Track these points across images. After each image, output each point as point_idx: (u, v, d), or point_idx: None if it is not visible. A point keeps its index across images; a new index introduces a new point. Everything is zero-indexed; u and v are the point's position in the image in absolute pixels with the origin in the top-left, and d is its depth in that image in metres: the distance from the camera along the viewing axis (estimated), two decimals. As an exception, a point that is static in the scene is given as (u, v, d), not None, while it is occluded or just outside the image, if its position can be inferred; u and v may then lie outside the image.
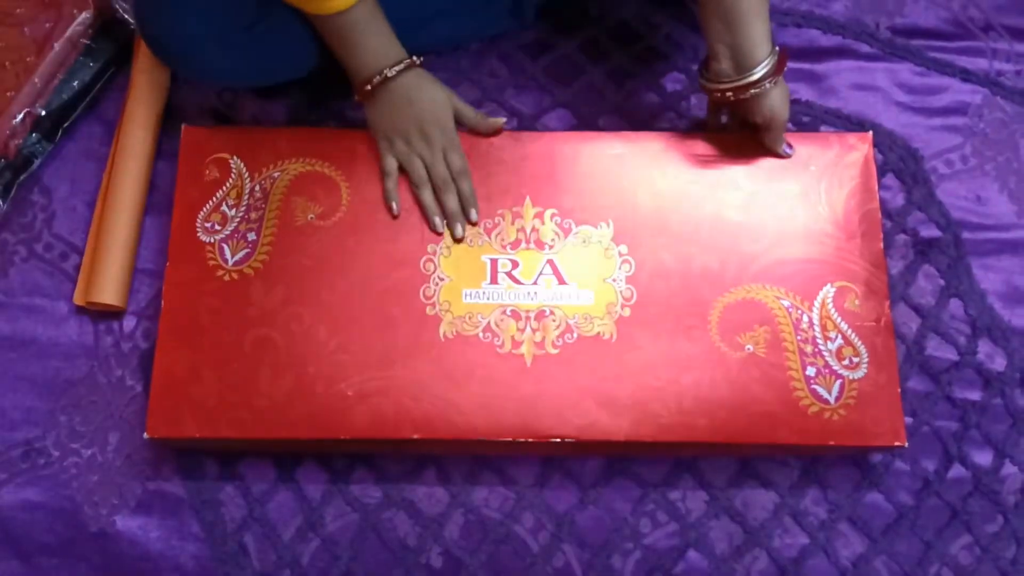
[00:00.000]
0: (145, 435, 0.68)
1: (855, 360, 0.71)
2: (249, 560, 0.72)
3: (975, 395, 0.77)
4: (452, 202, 0.73)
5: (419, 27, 0.77)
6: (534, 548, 0.73)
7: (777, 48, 0.69)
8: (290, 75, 0.77)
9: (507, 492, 0.74)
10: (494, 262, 0.73)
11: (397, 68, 0.71)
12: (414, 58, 0.72)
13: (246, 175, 0.76)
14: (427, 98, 0.72)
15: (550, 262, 0.73)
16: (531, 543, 0.73)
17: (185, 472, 0.74)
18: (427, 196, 0.74)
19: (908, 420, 0.75)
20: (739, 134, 0.76)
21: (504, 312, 0.72)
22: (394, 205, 0.74)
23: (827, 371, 0.70)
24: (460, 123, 0.75)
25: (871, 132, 0.78)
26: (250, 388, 0.69)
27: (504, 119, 0.76)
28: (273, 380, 0.70)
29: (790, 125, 0.84)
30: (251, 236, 0.74)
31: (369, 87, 0.71)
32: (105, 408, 0.76)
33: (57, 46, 0.80)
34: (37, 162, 0.82)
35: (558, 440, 0.68)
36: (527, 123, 0.85)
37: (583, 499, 0.74)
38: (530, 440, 0.68)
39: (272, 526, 0.73)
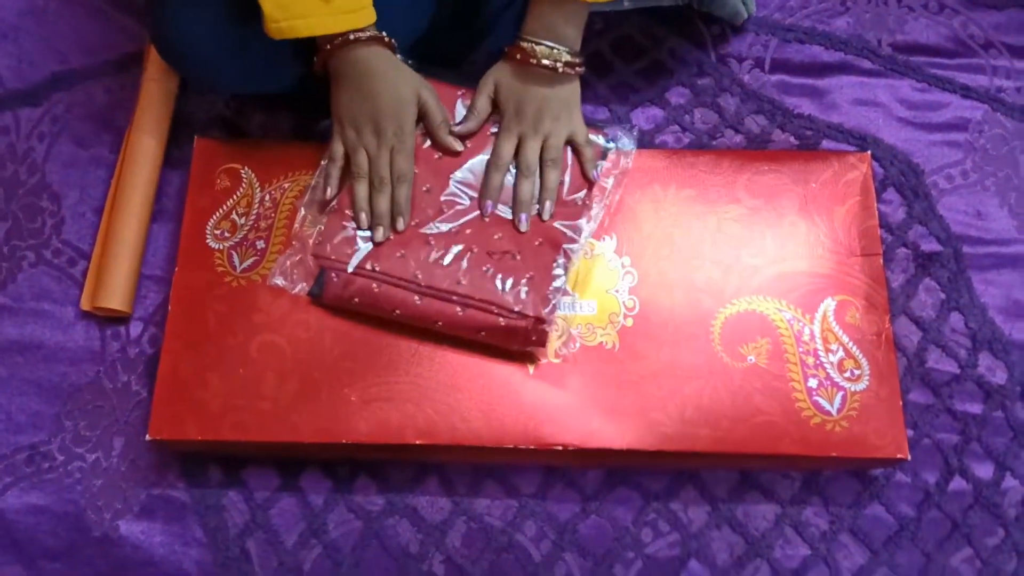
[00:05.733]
0: (147, 436, 0.69)
1: (857, 372, 0.71)
2: (251, 566, 0.73)
3: (976, 408, 0.77)
4: (383, 203, 0.71)
5: (423, 41, 0.77)
6: (536, 557, 0.73)
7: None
8: (297, 80, 0.77)
9: (509, 501, 0.74)
10: (499, 271, 0.74)
11: (362, 35, 0.67)
12: (384, 35, 0.69)
13: (256, 185, 0.77)
14: (390, 93, 0.70)
15: (554, 272, 0.74)
16: (533, 552, 0.73)
17: (189, 478, 0.75)
18: (361, 190, 0.72)
19: (909, 433, 0.75)
20: (744, 151, 0.77)
21: (508, 321, 0.72)
22: (329, 190, 0.72)
23: (829, 383, 0.71)
24: (422, 122, 0.73)
25: (870, 152, 0.79)
26: (254, 392, 0.70)
27: (461, 148, 0.73)
28: (278, 385, 0.70)
29: (792, 140, 0.85)
30: (260, 244, 0.75)
31: (329, 46, 0.68)
32: (110, 413, 0.77)
33: None
34: None
35: (560, 448, 0.69)
36: (532, 135, 0.85)
37: (585, 508, 0.74)
38: (532, 448, 0.69)
39: (275, 532, 0.73)
